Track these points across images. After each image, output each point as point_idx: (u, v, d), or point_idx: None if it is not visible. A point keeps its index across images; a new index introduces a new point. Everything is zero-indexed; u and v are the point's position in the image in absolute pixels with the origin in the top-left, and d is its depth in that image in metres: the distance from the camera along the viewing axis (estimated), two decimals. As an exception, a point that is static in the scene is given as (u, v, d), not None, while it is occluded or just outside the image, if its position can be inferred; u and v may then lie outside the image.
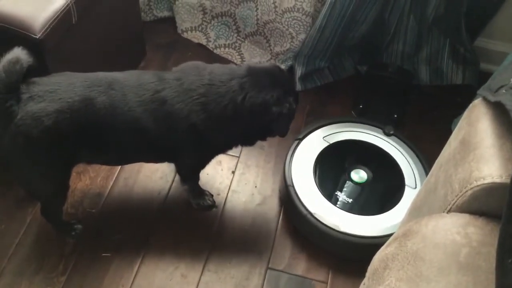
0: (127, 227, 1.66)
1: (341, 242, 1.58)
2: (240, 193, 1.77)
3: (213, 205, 1.72)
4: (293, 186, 1.66)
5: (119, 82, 1.39)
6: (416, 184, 1.71)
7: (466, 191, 0.96)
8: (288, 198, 1.66)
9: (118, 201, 1.72)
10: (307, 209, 1.61)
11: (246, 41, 2.18)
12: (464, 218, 0.97)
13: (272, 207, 1.74)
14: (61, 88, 1.33)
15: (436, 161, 1.20)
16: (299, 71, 2.06)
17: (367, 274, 1.08)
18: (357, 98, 2.06)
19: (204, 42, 2.20)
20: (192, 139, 1.43)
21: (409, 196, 1.66)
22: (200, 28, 2.20)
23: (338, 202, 1.65)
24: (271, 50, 2.13)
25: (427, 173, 1.68)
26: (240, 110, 1.39)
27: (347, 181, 1.72)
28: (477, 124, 1.04)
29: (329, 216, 1.60)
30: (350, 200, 1.67)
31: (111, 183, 1.75)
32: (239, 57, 2.17)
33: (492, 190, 0.93)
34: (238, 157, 1.86)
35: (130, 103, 1.37)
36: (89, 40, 1.66)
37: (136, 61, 2.08)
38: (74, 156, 1.43)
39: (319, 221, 1.59)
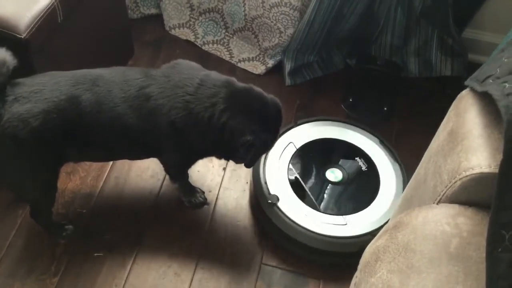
0: (119, 226, 1.65)
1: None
2: (231, 190, 1.76)
3: (205, 202, 1.72)
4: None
5: (104, 78, 1.38)
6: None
7: (455, 181, 0.97)
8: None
9: (109, 201, 1.71)
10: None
11: (234, 37, 2.17)
12: (453, 208, 0.97)
13: (264, 202, 1.74)
14: (46, 88, 1.32)
15: (426, 152, 1.20)
16: (288, 66, 2.05)
17: (359, 267, 1.08)
18: (347, 92, 2.06)
19: (192, 38, 2.19)
20: (173, 137, 1.41)
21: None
22: (188, 25, 2.19)
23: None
24: (259, 45, 2.13)
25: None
26: (214, 124, 1.36)
27: (324, 181, 1.69)
28: (464, 114, 1.04)
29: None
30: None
31: (101, 183, 1.74)
32: (227, 53, 2.16)
33: (481, 180, 0.93)
34: (229, 153, 1.85)
35: (115, 99, 1.36)
36: (76, 39, 1.65)
37: (124, 60, 2.06)
38: (62, 155, 1.42)
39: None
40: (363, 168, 1.71)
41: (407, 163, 1.69)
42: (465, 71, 2.03)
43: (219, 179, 1.79)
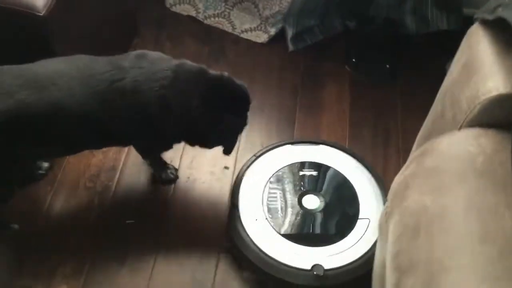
0: (145, 195, 1.71)
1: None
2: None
3: (176, 179, 1.73)
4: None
5: (62, 74, 1.32)
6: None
7: (475, 106, 1.04)
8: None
9: (133, 172, 1.76)
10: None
11: (234, 9, 2.23)
12: (475, 131, 1.04)
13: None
14: None
15: (439, 91, 1.28)
16: (290, 32, 2.11)
17: (389, 198, 1.15)
18: (349, 53, 2.13)
19: (193, 14, 2.24)
20: (149, 130, 1.42)
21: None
22: (188, 1, 2.24)
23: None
24: (260, 15, 2.18)
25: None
26: (190, 114, 1.38)
27: (299, 208, 1.59)
28: (477, 46, 1.11)
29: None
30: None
31: (123, 156, 1.79)
32: (229, 25, 2.21)
33: (499, 101, 1.01)
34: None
35: (81, 97, 1.31)
36: (88, 18, 1.69)
37: (129, 39, 2.10)
38: (12, 157, 1.38)
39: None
40: (314, 174, 1.66)
41: (413, 121, 1.73)
42: (460, 24, 2.10)
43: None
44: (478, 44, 1.10)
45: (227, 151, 1.54)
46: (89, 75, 1.34)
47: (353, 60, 2.10)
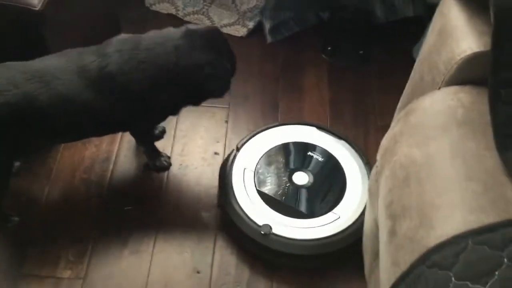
0: (142, 182, 1.78)
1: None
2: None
3: (169, 166, 1.80)
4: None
5: (62, 69, 1.41)
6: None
7: (452, 66, 1.15)
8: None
9: (126, 162, 1.82)
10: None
11: (212, 5, 2.31)
12: (453, 88, 1.15)
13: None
14: (1, 82, 1.36)
15: (417, 59, 1.39)
16: (267, 25, 2.21)
17: (378, 157, 1.25)
18: (325, 42, 2.24)
19: (173, 12, 2.31)
20: (144, 105, 1.50)
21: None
22: None
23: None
24: (237, 10, 2.28)
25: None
26: (174, 72, 1.44)
27: (295, 188, 1.66)
28: (449, 14, 1.22)
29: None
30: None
31: (116, 147, 1.85)
32: (209, 21, 2.30)
33: (473, 59, 1.11)
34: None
35: (79, 87, 1.41)
36: (79, 13, 1.75)
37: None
38: (16, 147, 1.48)
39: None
40: (320, 159, 1.72)
41: (388, 99, 1.85)
42: (424, 11, 2.24)
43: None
44: (449, 12, 1.21)
45: (221, 94, 1.59)
46: (82, 66, 1.43)
47: (329, 48, 2.21)
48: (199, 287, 1.55)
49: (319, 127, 1.81)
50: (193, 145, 1.88)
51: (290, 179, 1.67)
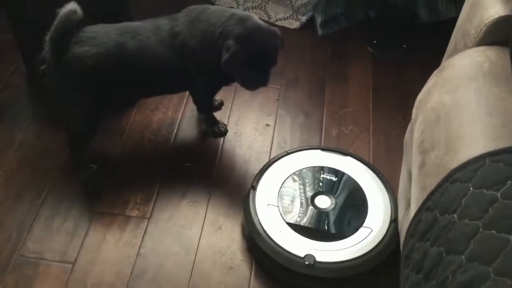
0: (200, 144, 2.01)
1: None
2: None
3: (225, 132, 2.02)
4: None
5: (143, 28, 1.72)
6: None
7: (481, 29, 1.33)
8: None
9: (189, 127, 2.06)
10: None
11: (270, 2, 2.56)
12: (482, 48, 1.33)
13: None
14: (99, 36, 1.66)
15: (453, 32, 1.56)
16: (319, 19, 2.43)
17: (413, 110, 1.43)
18: (371, 36, 2.43)
19: (234, 6, 2.57)
20: (197, 62, 1.74)
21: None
22: (229, -5, 2.58)
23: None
24: (292, 6, 2.51)
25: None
26: (214, 37, 1.68)
27: (311, 208, 1.68)
28: (480, -12, 1.41)
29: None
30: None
31: (180, 115, 2.09)
32: (266, 15, 2.54)
33: (500, 22, 1.29)
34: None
35: (154, 43, 1.71)
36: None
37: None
38: (109, 94, 1.74)
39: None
40: (333, 179, 1.75)
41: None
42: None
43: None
44: (482, -14, 1.40)
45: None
46: (156, 27, 1.75)
47: (374, 41, 2.40)
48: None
49: (323, 149, 1.84)
50: (247, 117, 2.09)
51: (314, 205, 1.68)
